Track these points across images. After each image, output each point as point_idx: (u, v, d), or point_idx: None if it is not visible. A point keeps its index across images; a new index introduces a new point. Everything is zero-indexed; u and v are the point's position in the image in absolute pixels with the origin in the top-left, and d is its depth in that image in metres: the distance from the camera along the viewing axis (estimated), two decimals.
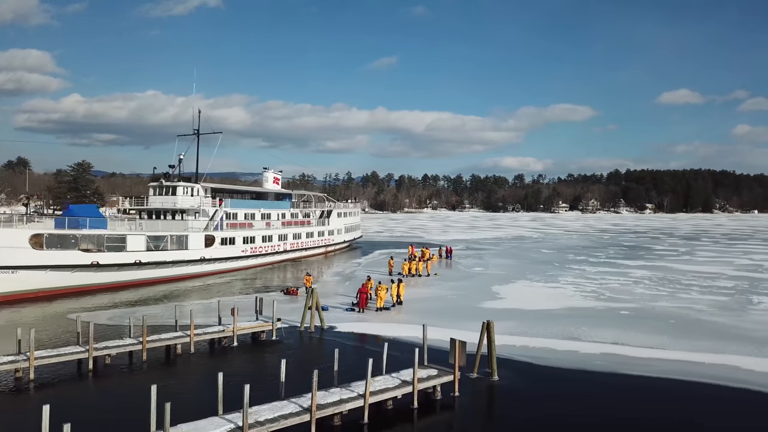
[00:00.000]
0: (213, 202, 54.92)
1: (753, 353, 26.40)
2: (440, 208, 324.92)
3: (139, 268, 44.73)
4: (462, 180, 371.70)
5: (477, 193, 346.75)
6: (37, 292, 38.95)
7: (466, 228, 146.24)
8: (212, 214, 53.56)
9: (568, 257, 70.99)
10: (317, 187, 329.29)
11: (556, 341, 28.44)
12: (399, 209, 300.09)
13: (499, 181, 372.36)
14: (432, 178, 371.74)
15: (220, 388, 16.13)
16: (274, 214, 63.57)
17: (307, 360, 24.66)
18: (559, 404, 20.42)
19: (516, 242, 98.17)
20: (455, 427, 19.01)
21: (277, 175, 72.12)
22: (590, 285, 47.01)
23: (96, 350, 23.23)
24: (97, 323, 31.34)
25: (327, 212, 75.03)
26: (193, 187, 53.55)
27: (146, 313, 34.11)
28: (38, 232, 39.32)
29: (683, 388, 21.95)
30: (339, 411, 17.48)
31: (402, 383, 19.51)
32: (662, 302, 39.37)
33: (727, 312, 36.02)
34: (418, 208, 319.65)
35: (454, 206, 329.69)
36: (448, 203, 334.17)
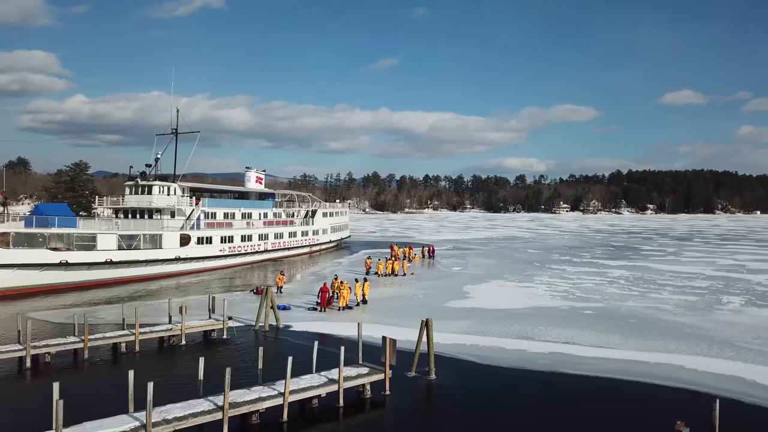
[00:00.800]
0: (190, 202, 54.94)
1: (702, 353, 26.25)
2: (441, 209, 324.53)
3: (111, 267, 44.80)
4: (463, 180, 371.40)
5: (478, 194, 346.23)
6: (4, 290, 39.07)
7: (460, 228, 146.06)
8: (189, 214, 53.60)
9: (552, 257, 70.78)
10: (318, 187, 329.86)
11: (508, 340, 28.35)
12: (399, 210, 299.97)
13: (501, 181, 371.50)
14: (433, 178, 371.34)
15: (131, 386, 16.08)
16: (255, 214, 63.60)
17: (249, 359, 24.65)
18: (492, 403, 20.39)
19: (505, 242, 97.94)
20: (380, 425, 19.01)
21: (260, 175, 72.17)
22: (564, 285, 46.83)
23: (35, 348, 23.23)
24: (55, 322, 31.79)
25: (312, 212, 75.03)
26: (169, 187, 53.63)
27: (110, 312, 34.40)
28: (4, 231, 39.43)
29: (619, 386, 21.86)
30: (256, 409, 17.44)
31: (328, 381, 19.47)
32: (630, 302, 39.19)
33: (691, 312, 35.81)
34: (418, 208, 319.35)
35: (454, 207, 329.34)
36: (449, 204, 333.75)
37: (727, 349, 27.00)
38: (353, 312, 35.28)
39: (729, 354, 26.09)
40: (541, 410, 19.71)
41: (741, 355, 25.95)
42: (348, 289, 36.06)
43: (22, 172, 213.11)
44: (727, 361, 25.03)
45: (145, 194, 52.44)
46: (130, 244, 46.09)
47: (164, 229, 49.89)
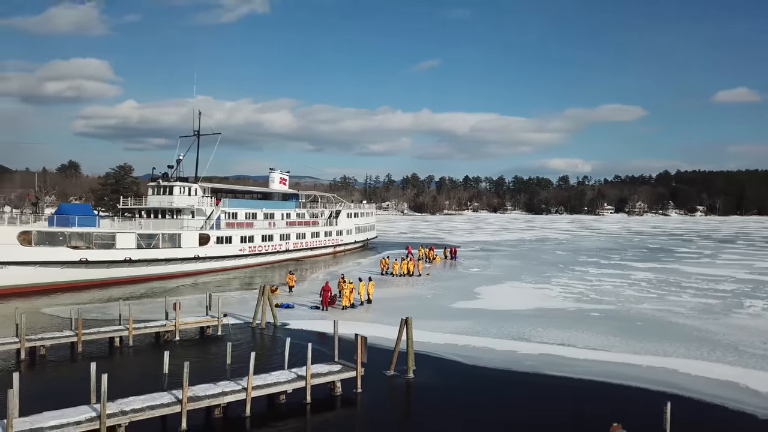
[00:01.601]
0: (211, 202, 56.05)
1: (701, 357, 25.31)
2: (481, 210, 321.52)
3: (130, 266, 46.08)
4: (504, 182, 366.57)
5: (519, 195, 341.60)
6: (26, 287, 40.63)
7: (495, 230, 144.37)
8: (209, 214, 54.68)
9: (578, 259, 69.25)
10: (357, 189, 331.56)
11: (501, 341, 27.92)
12: (438, 211, 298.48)
13: (543, 182, 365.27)
14: (473, 179, 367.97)
15: (93, 378, 16.46)
16: (278, 214, 64.38)
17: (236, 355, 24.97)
18: (464, 402, 20.14)
19: (536, 244, 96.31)
20: (346, 422, 18.94)
21: (284, 176, 73.03)
22: (580, 286, 45.78)
23: (29, 341, 24.12)
24: (64, 317, 32.82)
25: (335, 213, 75.46)
26: (190, 187, 54.84)
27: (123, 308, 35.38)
28: (26, 230, 41.05)
29: (598, 389, 21.34)
30: (217, 403, 17.67)
31: (296, 378, 19.57)
32: (644, 304, 38.04)
33: (705, 315, 34.52)
34: (458, 210, 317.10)
35: (495, 208, 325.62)
36: (489, 205, 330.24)
37: (731, 353, 25.94)
38: (354, 311, 35.33)
39: (730, 359, 25.07)
40: (511, 410, 19.46)
41: (743, 360, 24.90)
42: (350, 289, 36.10)
43: (73, 174, 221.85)
44: (725, 365, 24.07)
45: (166, 195, 53.80)
46: (149, 243, 47.31)
47: (183, 229, 51.04)
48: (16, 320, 24.69)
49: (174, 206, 53.02)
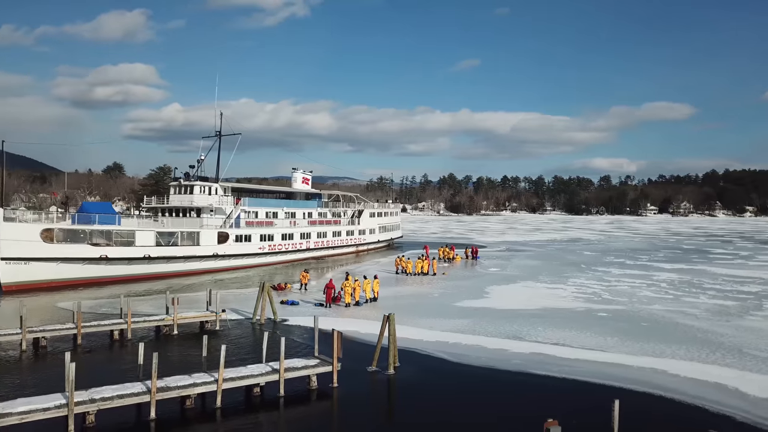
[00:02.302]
0: (232, 201, 57.15)
1: (698, 358, 24.62)
2: (519, 211, 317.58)
3: (149, 263, 47.39)
4: (543, 182, 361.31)
5: (559, 196, 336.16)
6: (49, 282, 42.25)
7: (529, 230, 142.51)
8: (229, 212, 55.76)
9: (604, 259, 67.88)
10: (394, 189, 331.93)
11: (495, 340, 27.71)
12: (475, 211, 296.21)
13: (584, 182, 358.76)
14: (512, 179, 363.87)
15: (67, 367, 17.00)
16: (299, 213, 65.16)
17: None
18: (439, 398, 20.18)
19: (565, 245, 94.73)
20: (316, 415, 19.12)
21: (307, 176, 73.82)
22: (596, 287, 44.92)
23: (31, 332, 25.17)
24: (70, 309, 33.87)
25: (358, 212, 75.85)
26: (210, 187, 56.02)
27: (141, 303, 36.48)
28: (49, 227, 42.68)
29: (581, 388, 20.96)
30: (187, 394, 18.12)
31: (271, 371, 19.88)
32: (656, 305, 37.13)
33: (717, 317, 33.50)
34: (495, 210, 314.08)
35: (533, 209, 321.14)
36: (528, 206, 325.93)
37: (731, 355, 25.15)
38: (356, 309, 35.54)
39: (729, 361, 24.30)
40: (479, 407, 19.29)
41: (742, 362, 24.10)
42: (354, 287, 36.31)
43: (117, 176, 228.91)
44: (722, 367, 23.38)
45: (187, 194, 55.11)
46: (168, 241, 48.55)
47: (202, 227, 52.18)
48: (20, 312, 25.72)
49: (194, 205, 54.25)
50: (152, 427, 17.12)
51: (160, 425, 17.22)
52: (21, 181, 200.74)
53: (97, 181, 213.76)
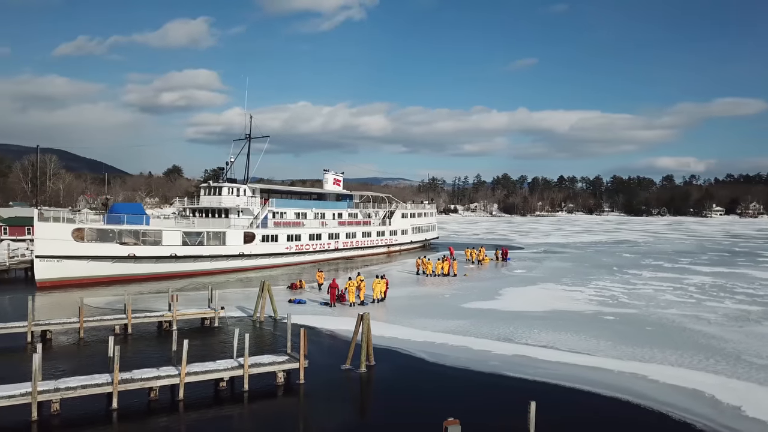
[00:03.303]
0: (259, 202, 58.59)
1: (687, 364, 23.78)
2: (575, 212, 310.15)
3: (176, 261, 49.24)
4: (601, 182, 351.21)
5: (617, 196, 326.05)
6: (80, 279, 44.59)
7: (577, 232, 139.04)
8: (256, 213, 57.20)
9: (640, 262, 65.78)
10: (446, 190, 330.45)
11: (482, 341, 27.57)
12: (529, 212, 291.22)
13: (644, 182, 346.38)
14: (568, 179, 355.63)
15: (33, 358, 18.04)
16: (329, 214, 66.09)
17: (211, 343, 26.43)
18: (403, 398, 20.26)
19: (608, 246, 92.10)
20: (276, 410, 19.53)
21: (338, 177, 74.70)
22: (618, 290, 43.71)
23: (37, 326, 26.78)
24: (97, 307, 35.80)
25: (390, 212, 76.17)
26: (238, 188, 57.59)
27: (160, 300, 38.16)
28: (79, 227, 45.01)
29: (548, 391, 20.57)
30: (149, 386, 18.96)
31: (237, 366, 20.50)
32: (672, 309, 35.91)
33: (732, 323, 32.16)
34: (551, 211, 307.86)
35: (590, 209, 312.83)
36: (585, 206, 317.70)
37: (725, 362, 24.19)
38: (359, 309, 35.76)
39: (719, 367, 23.37)
40: (439, 406, 19.06)
41: (733, 369, 23.16)
42: (355, 287, 36.72)
43: (176, 178, 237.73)
44: (708, 374, 22.54)
45: (215, 195, 56.88)
46: (195, 241, 50.29)
47: (229, 227, 53.74)
48: (29, 306, 27.38)
49: (222, 206, 55.93)
50: (114, 416, 18.01)
51: (122, 415, 18.07)
52: (88, 183, 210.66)
53: (156, 184, 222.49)
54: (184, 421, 18.25)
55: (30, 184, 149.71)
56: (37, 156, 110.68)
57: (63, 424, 17.49)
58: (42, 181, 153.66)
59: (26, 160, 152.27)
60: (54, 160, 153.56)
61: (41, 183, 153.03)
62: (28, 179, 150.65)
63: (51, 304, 36.55)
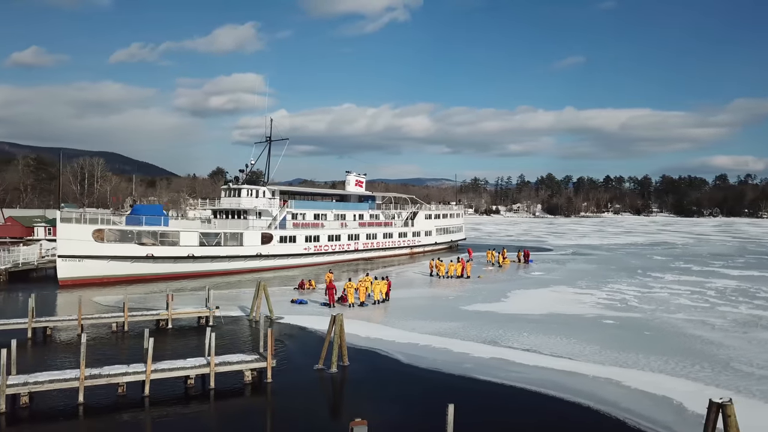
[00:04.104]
0: (278, 204, 59.60)
1: (667, 370, 23.18)
2: (622, 213, 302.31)
3: (194, 262, 50.61)
4: (650, 182, 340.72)
5: (667, 196, 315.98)
6: (101, 278, 46.37)
7: (616, 233, 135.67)
8: (275, 214, 58.21)
9: (669, 265, 63.95)
10: (488, 191, 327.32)
11: (466, 343, 27.47)
12: (574, 213, 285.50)
13: (696, 182, 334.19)
14: (615, 179, 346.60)
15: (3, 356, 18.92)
16: (350, 215, 66.62)
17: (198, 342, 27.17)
18: (367, 398, 20.52)
19: (641, 248, 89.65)
20: (240, 407, 19.96)
21: (360, 179, 75.12)
22: (631, 293, 42.69)
23: (37, 322, 28.10)
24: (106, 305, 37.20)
25: (413, 214, 76.14)
26: (257, 190, 58.70)
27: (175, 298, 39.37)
28: (100, 228, 46.80)
29: (510, 395, 20.45)
30: (115, 382, 19.72)
31: (205, 365, 21.08)
32: (679, 314, 34.90)
33: (737, 328, 31.15)
34: (596, 212, 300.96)
35: (638, 210, 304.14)
36: (632, 207, 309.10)
37: (711, 369, 23.50)
38: (358, 310, 36.09)
39: (701, 374, 22.71)
40: (402, 406, 19.39)
41: (714, 376, 22.49)
42: (354, 288, 37.01)
43: (220, 180, 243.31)
44: (686, 381, 21.96)
45: (235, 197, 58.15)
46: (212, 241, 51.58)
47: (247, 228, 54.88)
48: (30, 304, 28.73)
49: (241, 207, 57.16)
50: (80, 411, 18.82)
51: (89, 410, 18.87)
52: (136, 185, 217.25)
53: (200, 185, 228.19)
54: (148, 417, 18.86)
55: (79, 187, 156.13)
56: (60, 161, 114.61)
57: (31, 416, 18.40)
58: (90, 183, 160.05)
59: (75, 163, 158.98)
60: (101, 163, 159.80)
61: (89, 185, 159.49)
62: (77, 182, 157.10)
63: (67, 303, 38.19)
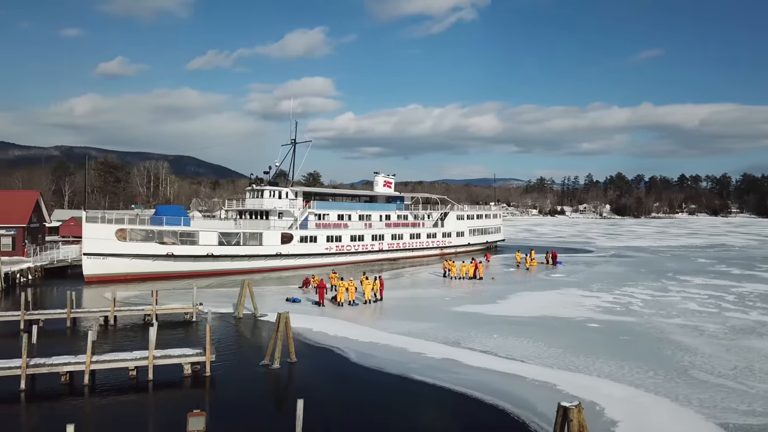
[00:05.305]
0: (301, 204, 60.86)
1: (614, 376, 22.40)
2: (698, 213, 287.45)
3: (213, 260, 52.54)
4: (729, 180, 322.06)
5: (748, 196, 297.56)
6: (124, 275, 48.97)
7: (678, 235, 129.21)
8: (297, 215, 59.48)
9: (706, 268, 60.74)
10: (555, 191, 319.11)
11: (428, 344, 27.46)
12: (644, 214, 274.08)
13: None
14: (690, 178, 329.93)
15: None
16: (375, 216, 67.04)
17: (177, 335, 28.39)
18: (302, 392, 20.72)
19: (688, 251, 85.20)
20: (172, 398, 20.77)
21: (389, 179, 75.24)
22: (639, 297, 41.15)
23: (29, 315, 30.20)
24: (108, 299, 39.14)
25: (443, 214, 75.61)
26: (280, 191, 60.15)
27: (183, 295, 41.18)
28: (122, 227, 49.41)
29: (441, 397, 20.48)
30: (56, 371, 21.04)
31: (145, 357, 22.11)
32: (677, 319, 33.48)
33: (729, 335, 29.62)
34: (669, 212, 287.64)
35: (715, 211, 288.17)
36: (709, 207, 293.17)
37: (664, 376, 22.59)
38: (347, 308, 36.50)
39: (649, 381, 21.89)
40: (328, 405, 19.60)
41: (664, 383, 21.58)
42: (344, 287, 37.43)
43: (282, 182, 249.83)
44: (627, 386, 21.29)
45: (258, 198, 59.81)
46: (230, 241, 53.36)
47: (268, 228, 56.36)
48: (27, 298, 30.90)
49: (263, 208, 58.76)
50: (21, 397, 20.24)
51: (29, 396, 20.31)
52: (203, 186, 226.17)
53: None
54: (80, 404, 19.98)
55: (145, 189, 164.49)
56: (86, 163, 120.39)
57: None
58: (156, 185, 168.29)
59: (142, 166, 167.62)
60: (165, 166, 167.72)
61: (155, 187, 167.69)
62: (144, 183, 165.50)
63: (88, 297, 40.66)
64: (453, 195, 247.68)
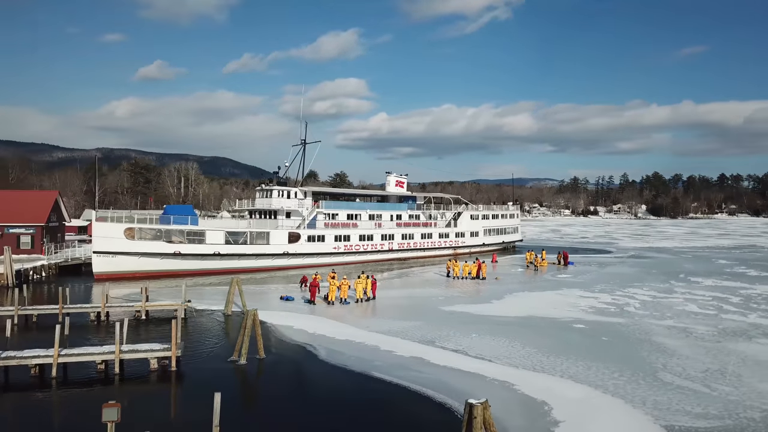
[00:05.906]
0: (309, 204, 61.41)
1: (577, 376, 22.07)
2: (738, 213, 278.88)
3: (220, 259, 53.47)
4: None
5: None
6: (132, 273, 50.25)
7: (708, 236, 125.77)
8: (305, 214, 60.05)
9: (723, 270, 59.25)
10: (589, 191, 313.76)
11: (401, 342, 27.54)
12: (681, 214, 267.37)
13: None
14: (731, 178, 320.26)
15: None
16: (386, 215, 67.17)
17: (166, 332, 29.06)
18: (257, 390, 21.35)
19: (713, 252, 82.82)
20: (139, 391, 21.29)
21: (401, 179, 75.19)
22: (639, 298, 40.33)
23: (22, 310, 31.32)
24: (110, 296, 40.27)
25: (456, 214, 75.22)
26: (289, 191, 60.81)
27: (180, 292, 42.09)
28: (131, 226, 50.70)
29: (395, 393, 20.54)
30: (25, 364, 21.81)
31: (112, 351, 22.73)
32: (668, 321, 32.77)
33: (715, 338, 28.83)
34: (707, 213, 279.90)
35: (757, 211, 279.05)
36: (750, 207, 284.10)
37: (628, 377, 22.09)
38: (338, 307, 36.77)
39: (610, 383, 21.41)
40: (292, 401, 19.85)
41: (624, 385, 21.10)
42: (336, 286, 37.67)
43: (311, 182, 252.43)
44: (583, 386, 21.01)
45: (267, 197, 60.60)
46: (237, 240, 54.20)
47: (275, 228, 57.07)
48: (24, 293, 32.04)
49: (272, 208, 59.52)
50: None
51: None
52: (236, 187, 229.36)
53: None
54: (47, 396, 20.71)
55: (176, 190, 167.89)
56: (95, 164, 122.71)
57: None
58: (186, 186, 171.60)
59: (172, 167, 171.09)
60: (195, 167, 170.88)
61: (185, 187, 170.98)
62: (174, 184, 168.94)
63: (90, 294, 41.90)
64: (483, 195, 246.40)
